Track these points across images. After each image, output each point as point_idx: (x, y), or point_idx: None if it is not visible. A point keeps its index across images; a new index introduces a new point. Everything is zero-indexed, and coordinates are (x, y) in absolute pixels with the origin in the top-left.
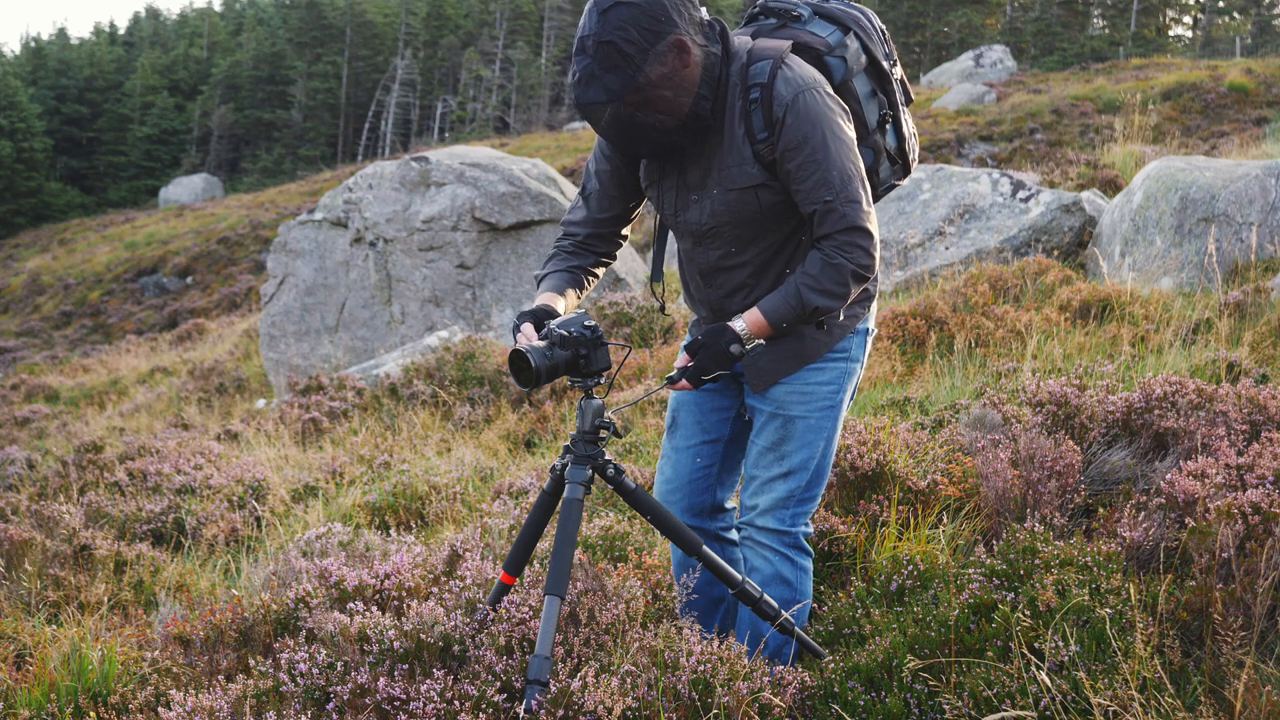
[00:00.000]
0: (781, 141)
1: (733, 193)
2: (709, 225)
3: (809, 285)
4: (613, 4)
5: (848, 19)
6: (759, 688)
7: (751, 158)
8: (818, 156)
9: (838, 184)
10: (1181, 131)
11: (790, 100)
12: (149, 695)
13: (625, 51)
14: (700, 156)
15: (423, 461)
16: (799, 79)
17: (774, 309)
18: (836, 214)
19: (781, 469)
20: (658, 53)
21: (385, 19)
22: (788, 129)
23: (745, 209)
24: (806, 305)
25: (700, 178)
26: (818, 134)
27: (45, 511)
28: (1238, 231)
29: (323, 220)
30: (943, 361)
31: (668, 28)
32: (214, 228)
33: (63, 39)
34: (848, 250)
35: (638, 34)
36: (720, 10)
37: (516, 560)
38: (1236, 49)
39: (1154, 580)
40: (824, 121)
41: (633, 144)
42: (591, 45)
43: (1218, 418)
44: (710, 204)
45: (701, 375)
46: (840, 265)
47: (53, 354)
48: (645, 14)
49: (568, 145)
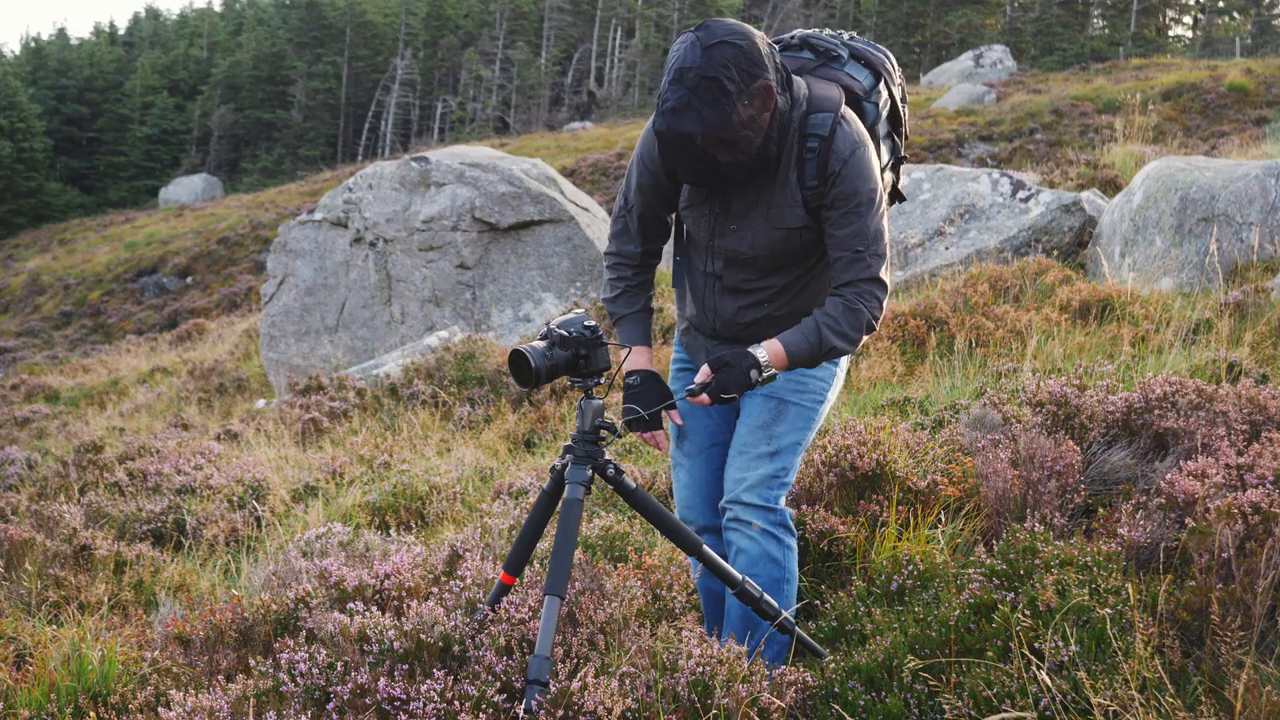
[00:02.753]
0: (833, 192)
1: (779, 231)
2: (748, 254)
3: (830, 326)
4: (718, 42)
5: (878, 64)
6: (758, 690)
7: (800, 201)
8: (861, 210)
9: (871, 238)
10: (1181, 131)
11: (848, 156)
12: (149, 695)
13: (726, 89)
14: (747, 191)
15: (423, 461)
16: (854, 136)
17: (794, 344)
18: (863, 264)
19: (770, 447)
20: (750, 94)
21: (385, 19)
22: (842, 181)
23: (788, 245)
24: (825, 344)
25: (744, 210)
26: (866, 190)
27: (45, 511)
28: (1238, 231)
29: (323, 220)
30: (943, 361)
31: (761, 72)
32: (214, 228)
33: (63, 39)
34: (867, 299)
35: (738, 74)
36: (720, 11)
37: (516, 560)
38: (1236, 49)
39: (1154, 580)
40: (873, 179)
41: (698, 175)
42: (693, 78)
43: (1218, 418)
44: (752, 235)
45: (720, 393)
46: (859, 312)
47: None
48: (746, 56)
49: (568, 145)
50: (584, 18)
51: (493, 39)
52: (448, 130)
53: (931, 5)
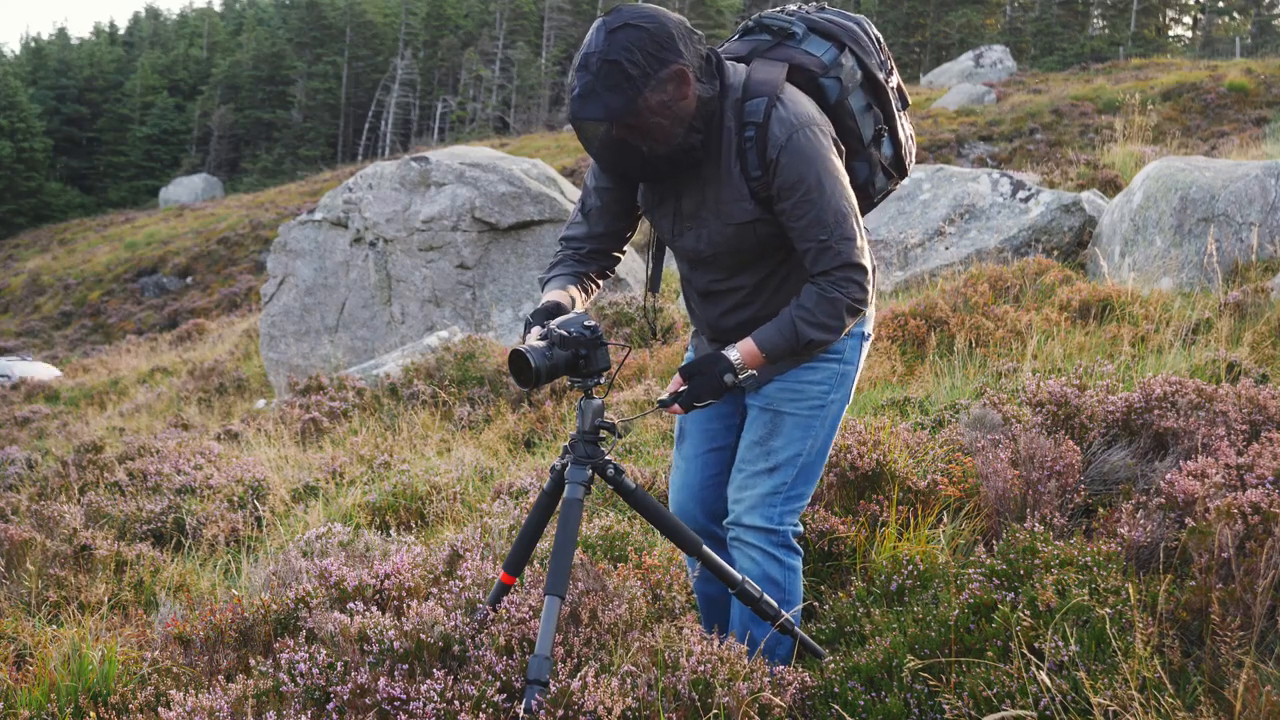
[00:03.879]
0: (776, 181)
1: (730, 226)
2: (706, 253)
3: (804, 319)
4: (621, 24)
5: (843, 33)
6: (759, 688)
7: (748, 194)
8: (812, 196)
9: (832, 223)
10: (1181, 131)
11: (785, 141)
12: (149, 695)
13: (629, 73)
14: (694, 187)
15: (423, 461)
16: (793, 118)
17: (768, 340)
18: (831, 252)
19: (767, 464)
20: (659, 79)
21: (385, 19)
22: (782, 169)
23: (742, 241)
24: (801, 338)
25: (694, 207)
26: (812, 174)
27: (45, 511)
28: (1238, 231)
29: (323, 220)
30: (943, 361)
31: (672, 56)
32: (214, 228)
33: (63, 39)
34: (843, 285)
35: (643, 57)
36: (720, 10)
37: (516, 560)
38: (1236, 49)
39: (1154, 580)
40: (818, 160)
41: (619, 166)
42: (595, 63)
43: (1218, 418)
44: (708, 233)
45: (694, 401)
46: (835, 299)
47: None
48: (653, 39)
49: (568, 145)
50: (584, 18)
51: (493, 39)
52: (448, 130)
53: (931, 5)
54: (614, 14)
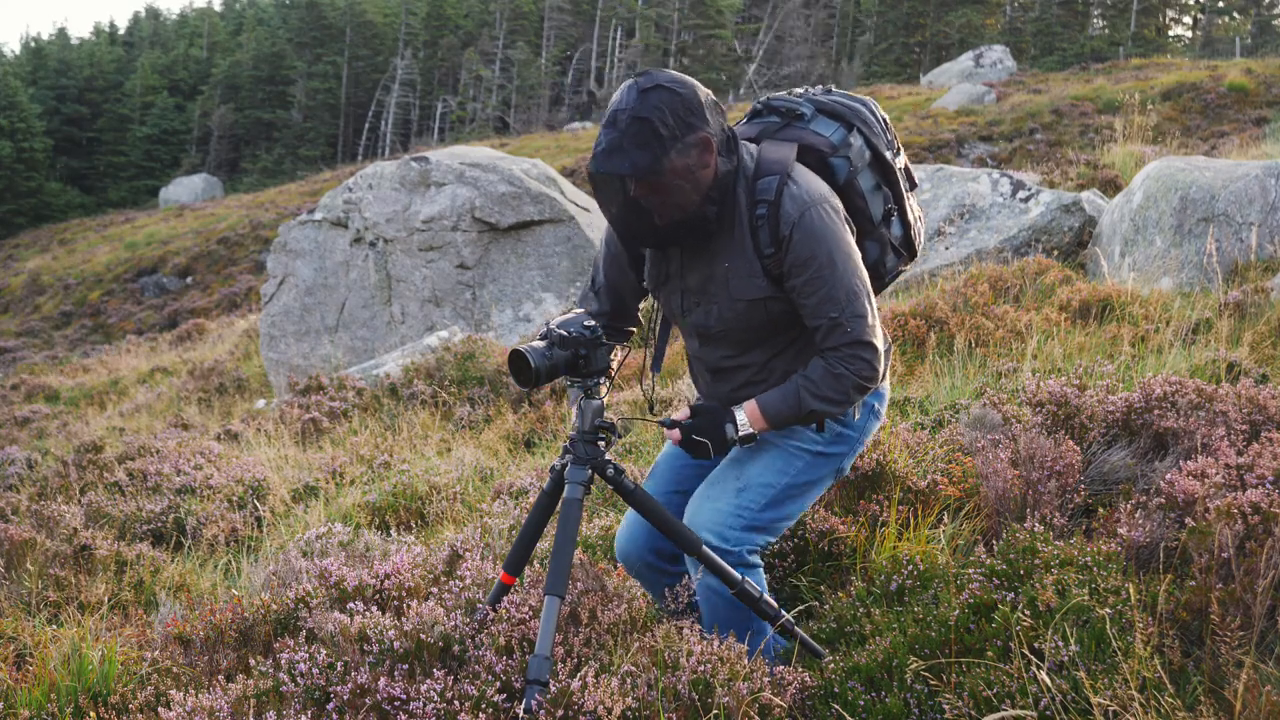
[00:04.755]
0: (788, 258)
1: (741, 303)
2: (716, 329)
3: (809, 390)
4: (654, 86)
5: (850, 114)
6: (759, 688)
7: (761, 271)
8: (824, 273)
9: (844, 300)
10: (1181, 131)
11: (797, 218)
12: (149, 695)
13: (658, 132)
14: (704, 262)
15: (423, 461)
16: (805, 195)
17: (773, 405)
18: (842, 329)
19: (737, 483)
20: (686, 144)
21: (385, 19)
22: (795, 245)
23: (753, 318)
24: (804, 407)
25: (703, 283)
26: (824, 251)
27: (45, 511)
28: (1238, 231)
29: (323, 220)
30: (943, 361)
31: (700, 123)
32: (214, 228)
33: (63, 39)
34: (851, 362)
35: (673, 119)
36: (720, 10)
37: (516, 560)
38: (1236, 49)
39: (1154, 580)
40: (830, 238)
41: (633, 228)
42: (625, 120)
43: (1218, 418)
44: (718, 309)
45: (693, 435)
46: (842, 376)
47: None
48: (684, 104)
49: (568, 145)
50: (584, 18)
51: (493, 39)
52: (448, 130)
53: (931, 5)
54: (646, 75)
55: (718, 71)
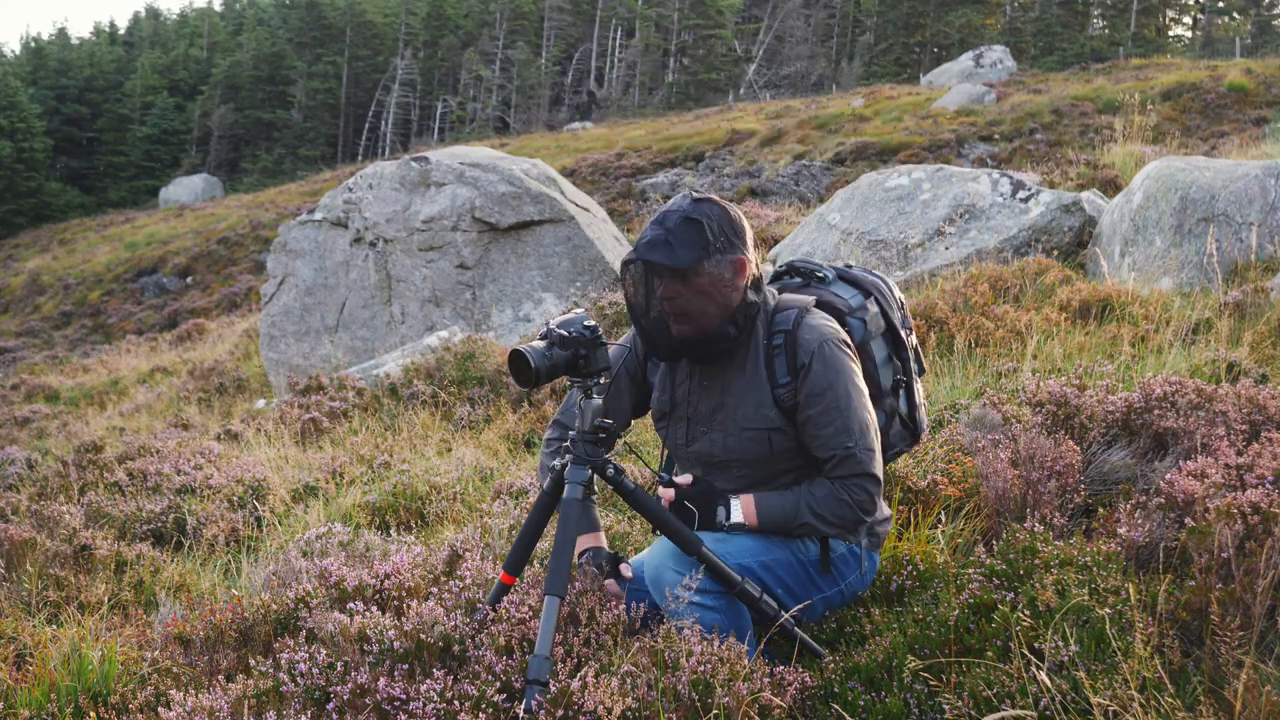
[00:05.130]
0: (805, 387)
1: (748, 432)
2: (719, 458)
3: (809, 503)
4: (709, 199)
5: (869, 284)
6: (759, 688)
7: (771, 401)
8: (840, 404)
9: (858, 433)
10: (1181, 131)
11: (816, 348)
12: (149, 695)
13: (705, 236)
14: (713, 392)
15: (423, 461)
16: (823, 328)
17: (769, 507)
18: (854, 460)
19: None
20: (725, 258)
21: (385, 19)
22: (813, 375)
23: (757, 449)
24: (799, 518)
25: (712, 411)
26: (841, 383)
27: (45, 511)
28: (1238, 231)
29: (323, 220)
30: (943, 361)
31: (742, 246)
32: (214, 228)
33: (63, 39)
34: (856, 492)
35: (721, 230)
36: (720, 10)
37: (516, 560)
38: (1236, 49)
39: (1154, 580)
40: (847, 371)
41: (653, 330)
42: (675, 220)
43: (1217, 418)
44: (723, 438)
45: (684, 501)
46: (845, 503)
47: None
48: (732, 223)
49: (568, 145)
50: (584, 18)
51: (493, 39)
52: (448, 130)
53: (931, 5)
54: (700, 193)
55: (718, 71)
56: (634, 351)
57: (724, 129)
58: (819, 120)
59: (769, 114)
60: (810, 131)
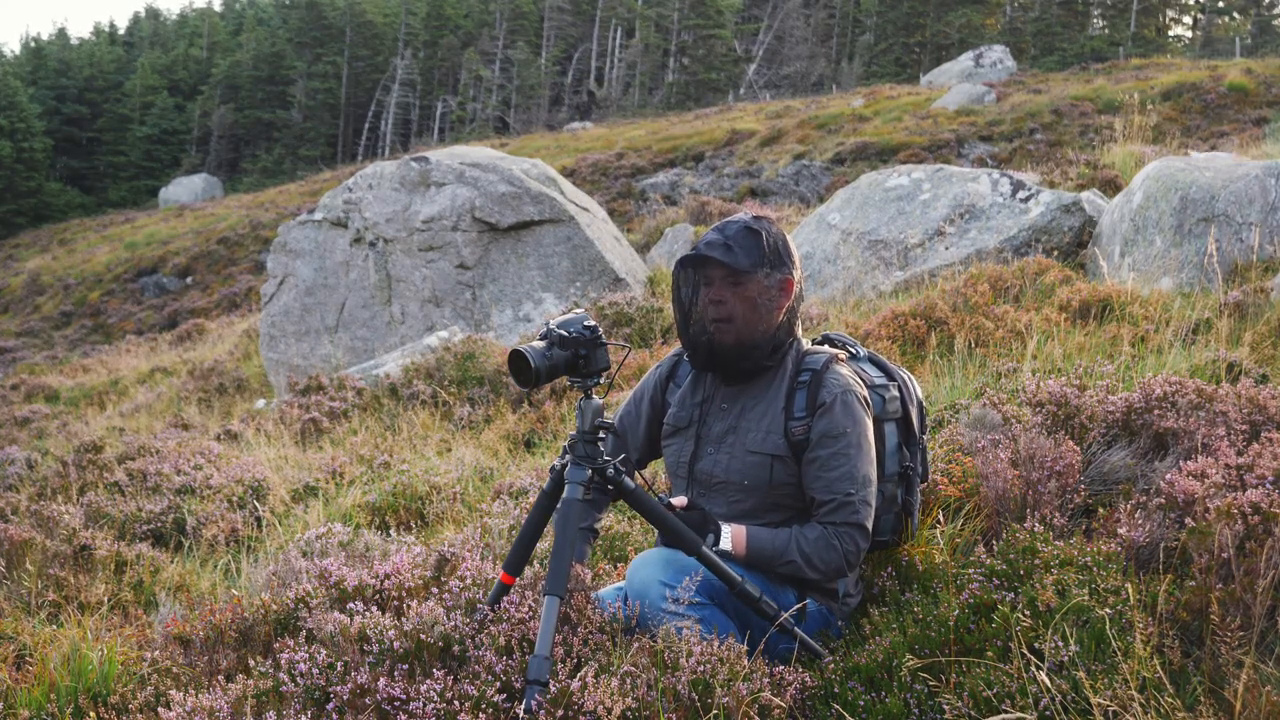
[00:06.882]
0: (819, 426)
1: (753, 456)
2: (719, 479)
3: (800, 544)
4: (769, 219)
5: (895, 372)
6: (759, 688)
7: (782, 431)
8: (850, 451)
9: (861, 482)
10: (1181, 131)
11: (840, 392)
12: (149, 695)
13: (762, 246)
14: (730, 414)
15: (423, 461)
16: (849, 380)
17: (759, 542)
18: (850, 508)
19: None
20: (776, 275)
21: (385, 19)
22: (831, 417)
23: (758, 474)
24: (786, 555)
25: (723, 433)
26: (855, 432)
27: (45, 511)
28: (1238, 231)
29: (323, 220)
30: (943, 361)
31: (791, 268)
32: (214, 228)
33: (63, 39)
34: (847, 540)
35: (775, 248)
36: (720, 10)
37: (516, 560)
38: (1236, 49)
39: (1154, 580)
40: (862, 424)
41: (695, 329)
42: (735, 228)
43: (1218, 418)
44: (727, 459)
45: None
46: (835, 548)
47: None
48: (786, 245)
49: (568, 145)
50: (584, 18)
51: (493, 39)
52: (448, 130)
53: (931, 5)
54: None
55: (718, 71)
56: (662, 373)
57: (724, 129)
58: (819, 120)
59: (769, 114)
60: (810, 131)
